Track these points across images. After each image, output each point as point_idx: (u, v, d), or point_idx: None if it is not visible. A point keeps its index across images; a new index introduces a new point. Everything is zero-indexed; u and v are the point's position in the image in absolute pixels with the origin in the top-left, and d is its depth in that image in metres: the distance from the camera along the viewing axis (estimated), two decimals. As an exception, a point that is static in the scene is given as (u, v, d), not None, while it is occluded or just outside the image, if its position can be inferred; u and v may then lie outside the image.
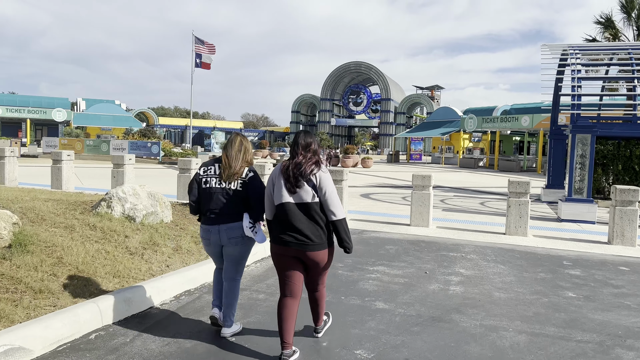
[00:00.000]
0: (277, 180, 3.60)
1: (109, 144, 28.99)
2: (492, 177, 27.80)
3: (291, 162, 3.60)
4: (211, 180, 3.90)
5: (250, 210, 3.89)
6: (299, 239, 3.50)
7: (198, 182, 3.96)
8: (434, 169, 33.81)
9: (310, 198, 3.51)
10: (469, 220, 10.94)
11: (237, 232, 3.84)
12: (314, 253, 3.55)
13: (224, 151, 3.95)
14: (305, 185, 3.51)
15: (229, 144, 3.97)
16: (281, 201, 3.53)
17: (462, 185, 20.99)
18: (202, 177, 3.95)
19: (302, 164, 3.55)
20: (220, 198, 3.85)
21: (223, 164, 3.89)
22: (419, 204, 9.68)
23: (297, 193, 3.52)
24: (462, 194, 17.58)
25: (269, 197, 3.66)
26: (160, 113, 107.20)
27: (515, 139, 43.87)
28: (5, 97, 52.19)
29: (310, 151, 3.62)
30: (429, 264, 6.68)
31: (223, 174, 3.87)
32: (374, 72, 72.82)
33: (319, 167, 3.59)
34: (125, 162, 11.73)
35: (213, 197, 3.86)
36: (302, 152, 3.60)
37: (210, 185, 3.89)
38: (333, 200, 3.54)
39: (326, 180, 3.56)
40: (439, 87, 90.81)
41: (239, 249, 3.92)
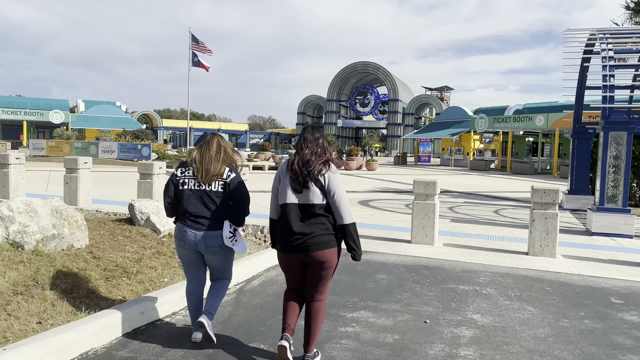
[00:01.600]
0: (283, 178, 3.38)
1: (97, 147, 27.50)
2: (505, 180, 25.91)
3: (297, 156, 3.35)
4: (189, 181, 3.64)
5: (231, 214, 3.65)
6: (302, 241, 3.28)
7: (175, 184, 3.68)
8: (442, 172, 31.96)
9: (317, 200, 3.28)
10: (482, 235, 9.15)
11: (215, 242, 3.59)
12: (319, 253, 3.30)
13: (198, 151, 3.67)
14: (313, 186, 3.28)
15: (205, 144, 3.70)
16: (285, 201, 3.31)
17: (473, 190, 19.16)
18: (180, 178, 3.68)
19: (310, 162, 3.30)
20: (198, 201, 3.59)
21: (196, 165, 3.62)
22: (422, 217, 7.91)
23: (302, 193, 3.29)
24: (474, 200, 15.76)
25: (275, 195, 3.46)
26: (166, 115, 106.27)
27: (528, 139, 41.86)
28: (2, 99, 51.04)
29: (319, 147, 3.38)
30: (430, 306, 4.91)
31: (199, 176, 3.59)
32: (381, 73, 71.01)
33: (328, 167, 3.33)
34: (80, 165, 10.08)
35: (191, 200, 3.61)
36: (310, 147, 3.36)
37: (189, 187, 3.63)
38: (342, 204, 3.32)
39: (335, 182, 3.32)
40: (449, 88, 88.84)
41: (218, 258, 3.69)
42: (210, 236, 3.57)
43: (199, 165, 3.62)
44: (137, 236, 5.87)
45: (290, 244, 3.30)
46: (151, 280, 4.77)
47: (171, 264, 5.30)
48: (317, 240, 3.28)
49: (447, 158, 41.86)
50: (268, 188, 16.33)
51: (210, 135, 3.83)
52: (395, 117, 69.92)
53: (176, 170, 3.77)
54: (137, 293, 4.43)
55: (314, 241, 3.27)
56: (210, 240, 3.58)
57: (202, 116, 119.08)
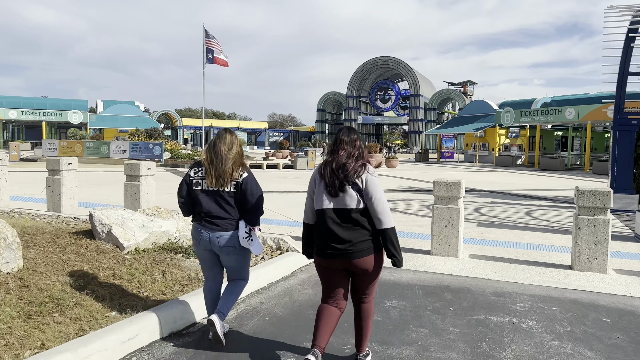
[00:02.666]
0: (319, 182, 3.24)
1: (109, 146, 26.81)
2: (534, 177, 24.38)
3: (332, 159, 3.22)
4: (203, 182, 3.55)
5: (245, 214, 3.57)
6: (343, 248, 3.12)
7: (188, 184, 3.61)
8: (466, 169, 30.49)
9: (354, 204, 3.14)
10: (514, 243, 7.91)
11: (231, 242, 3.51)
12: (361, 260, 3.16)
13: (208, 151, 3.55)
14: (350, 189, 3.13)
15: (217, 142, 3.54)
16: (321, 207, 3.18)
17: (500, 188, 17.78)
18: (193, 178, 3.61)
19: (346, 165, 3.17)
20: (212, 202, 3.52)
21: (206, 166, 3.51)
22: (444, 224, 6.71)
23: (339, 197, 3.14)
24: (501, 199, 14.43)
25: (311, 198, 3.32)
26: (187, 114, 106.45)
27: (557, 134, 39.98)
28: (22, 99, 51.08)
29: (355, 149, 3.25)
30: (454, 351, 3.71)
31: (210, 178, 3.48)
32: (402, 67, 69.38)
33: (365, 169, 3.19)
34: (63, 167, 9.13)
35: (205, 200, 3.52)
36: (346, 150, 3.22)
37: (202, 188, 3.55)
38: (382, 207, 3.16)
39: (374, 185, 3.17)
40: (472, 83, 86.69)
41: (234, 259, 3.61)
42: (225, 237, 3.51)
43: (208, 169, 3.52)
44: (94, 253, 4.82)
45: (330, 250, 3.17)
46: (92, 316, 3.70)
47: (128, 290, 4.24)
48: (358, 248, 3.14)
49: (471, 154, 40.25)
50: (274, 189, 15.23)
51: (223, 131, 3.66)
52: (416, 112, 68.24)
53: (190, 169, 3.68)
54: (66, 336, 3.37)
55: (354, 248, 3.14)
56: (224, 240, 3.51)
57: (222, 115, 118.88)
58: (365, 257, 3.16)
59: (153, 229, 5.26)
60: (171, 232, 5.53)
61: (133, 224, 5.13)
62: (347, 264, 3.19)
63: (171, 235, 5.54)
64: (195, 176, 3.62)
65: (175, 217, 5.83)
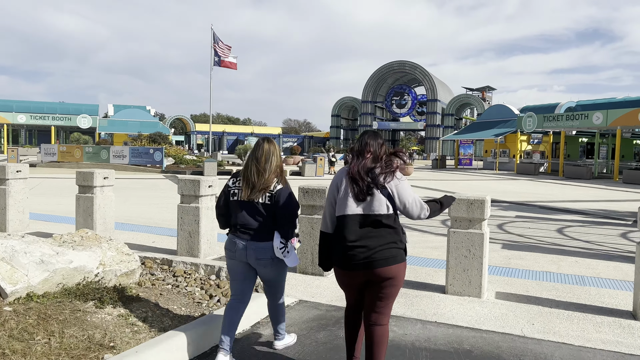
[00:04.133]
0: (343, 186, 3.04)
1: (108, 151, 25.61)
2: (559, 186, 22.55)
3: (357, 162, 3.04)
4: (239, 192, 3.47)
5: (278, 226, 3.44)
6: (367, 256, 2.90)
7: (226, 194, 3.53)
8: (486, 177, 28.71)
9: (383, 209, 2.94)
10: (551, 274, 6.30)
11: (267, 254, 3.41)
12: (385, 269, 2.92)
13: (246, 162, 3.50)
14: (378, 194, 2.95)
15: (255, 152, 3.47)
16: (344, 212, 2.96)
17: (524, 199, 16.08)
18: (231, 188, 3.52)
19: (374, 170, 2.98)
20: (248, 213, 3.43)
21: (244, 176, 3.46)
22: (463, 254, 5.14)
23: (367, 202, 2.95)
24: (527, 212, 12.77)
25: (331, 205, 3.09)
26: (202, 120, 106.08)
27: (581, 140, 37.95)
28: (32, 104, 50.65)
29: (384, 152, 3.08)
30: None
31: (245, 188, 3.42)
32: (419, 72, 67.68)
33: (394, 174, 3.01)
34: (9, 175, 7.73)
35: (241, 211, 3.45)
36: (373, 153, 3.05)
37: (239, 198, 3.46)
38: (417, 209, 3.06)
39: (405, 190, 3.02)
40: (490, 88, 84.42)
41: (270, 271, 3.50)
42: (260, 248, 3.40)
43: (244, 180, 3.45)
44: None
45: (351, 260, 2.92)
46: None
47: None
48: (384, 255, 2.91)
49: (491, 161, 38.36)
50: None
51: (261, 141, 3.53)
52: (433, 118, 66.41)
53: (229, 179, 3.59)
54: None
55: (379, 255, 2.91)
56: (260, 252, 3.40)
57: (237, 120, 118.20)
58: (390, 266, 2.93)
59: (58, 265, 3.80)
60: (89, 268, 4.06)
61: (27, 259, 3.67)
62: (370, 275, 2.95)
63: (90, 272, 4.07)
64: (233, 186, 3.53)
65: (102, 246, 4.37)
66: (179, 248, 6.49)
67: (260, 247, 3.40)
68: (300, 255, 5.89)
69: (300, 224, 5.87)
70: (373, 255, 2.91)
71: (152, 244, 7.37)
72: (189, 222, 6.40)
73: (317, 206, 5.79)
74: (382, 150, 3.12)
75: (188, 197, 6.42)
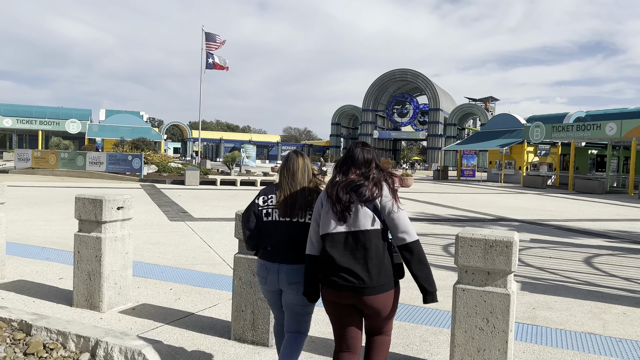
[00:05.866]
0: (326, 203, 2.81)
1: (85, 158, 23.79)
2: (572, 202, 20.66)
3: (341, 179, 2.82)
4: (273, 212, 3.15)
5: None
6: (352, 281, 2.67)
7: (257, 215, 3.19)
8: (491, 190, 26.84)
9: (369, 223, 2.72)
10: (597, 338, 4.45)
11: (299, 277, 3.03)
12: (372, 298, 2.69)
13: (283, 179, 3.17)
14: (363, 208, 2.72)
15: (289, 167, 3.17)
16: (327, 231, 2.75)
17: (537, 217, 14.21)
18: (262, 208, 3.19)
19: (362, 186, 2.74)
20: (286, 233, 3.09)
21: (279, 194, 3.13)
22: (478, 327, 3.29)
23: (350, 218, 2.72)
24: (543, 235, 10.90)
25: (316, 223, 2.85)
26: (201, 127, 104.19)
27: (591, 152, 36.08)
28: (20, 107, 49.02)
29: (371, 169, 2.82)
30: None
31: (284, 207, 3.09)
32: (421, 80, 66.03)
33: (381, 189, 2.76)
34: None
35: (276, 232, 3.10)
36: (358, 171, 2.82)
37: (274, 219, 3.13)
38: (403, 220, 2.74)
39: (390, 201, 2.76)
40: (493, 99, 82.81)
41: (301, 298, 3.06)
42: (294, 270, 3.05)
43: (282, 197, 3.11)
44: None
45: (338, 280, 2.69)
46: None
47: None
48: (372, 283, 2.68)
49: (496, 173, 36.45)
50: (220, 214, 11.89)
51: (292, 154, 3.24)
52: (435, 127, 64.65)
53: (257, 198, 3.24)
54: None
55: (366, 283, 2.67)
56: (294, 275, 3.06)
57: (236, 128, 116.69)
58: (380, 294, 2.70)
59: None
60: None
61: None
62: (357, 301, 2.71)
63: None
64: (265, 205, 3.18)
65: None
66: (75, 294, 4.65)
67: (294, 269, 3.07)
68: (237, 313, 4.04)
69: (238, 266, 4.03)
70: (360, 283, 2.67)
71: (56, 282, 5.52)
72: (88, 259, 4.56)
73: (260, 242, 3.97)
74: (372, 165, 2.85)
75: (88, 224, 4.59)
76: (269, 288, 3.18)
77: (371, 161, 2.86)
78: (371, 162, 2.86)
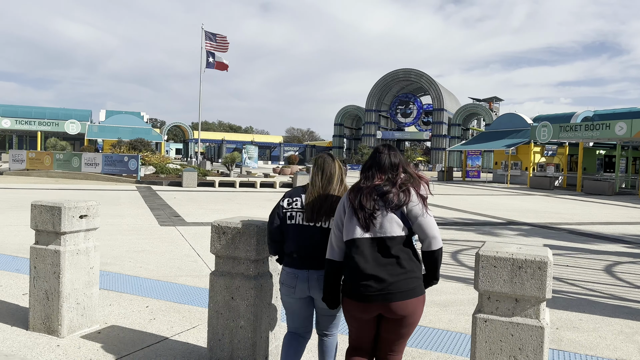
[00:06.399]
0: (349, 208, 2.69)
1: (80, 159, 23.21)
2: (581, 204, 19.98)
3: (365, 185, 2.68)
4: (298, 215, 3.04)
5: None
6: (379, 287, 2.54)
7: (281, 218, 3.08)
8: (498, 191, 26.17)
9: (397, 230, 2.59)
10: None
11: None
12: (402, 303, 2.56)
13: (313, 181, 3.05)
14: (389, 214, 2.60)
15: (323, 170, 3.04)
16: (352, 237, 2.61)
17: (548, 221, 13.56)
18: (287, 211, 3.07)
19: (388, 193, 2.62)
20: (311, 239, 2.98)
21: (307, 197, 3.01)
22: (501, 362, 2.66)
23: (376, 223, 2.59)
24: (556, 240, 10.27)
25: (337, 228, 2.72)
26: (204, 127, 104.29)
27: (599, 152, 35.36)
28: (19, 108, 48.59)
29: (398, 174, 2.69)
30: None
31: (309, 211, 2.98)
32: (425, 80, 65.35)
33: (408, 194, 2.63)
34: None
35: (302, 236, 3.00)
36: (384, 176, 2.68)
37: (298, 223, 3.02)
38: (432, 226, 2.62)
39: (418, 206, 2.63)
40: (498, 99, 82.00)
41: None
42: None
43: (310, 201, 2.99)
44: None
45: (364, 291, 2.55)
46: None
47: None
48: (402, 287, 2.56)
49: (501, 174, 35.74)
50: (208, 218, 11.23)
51: (322, 157, 3.10)
52: (439, 128, 63.95)
53: (282, 200, 3.13)
54: None
55: (396, 288, 2.55)
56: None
57: (239, 128, 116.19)
58: (408, 299, 2.57)
59: None
60: None
61: None
62: (384, 309, 2.58)
63: None
64: (290, 208, 3.07)
65: None
66: (31, 316, 4.04)
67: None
68: (213, 343, 3.42)
69: (215, 287, 3.41)
70: (389, 288, 2.55)
71: (19, 299, 4.92)
72: (45, 276, 3.95)
73: (240, 259, 3.34)
74: (400, 169, 2.72)
75: (45, 235, 3.98)
76: (298, 296, 3.04)
77: (398, 165, 2.74)
78: (398, 166, 2.74)
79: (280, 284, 3.12)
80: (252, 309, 3.28)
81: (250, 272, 3.33)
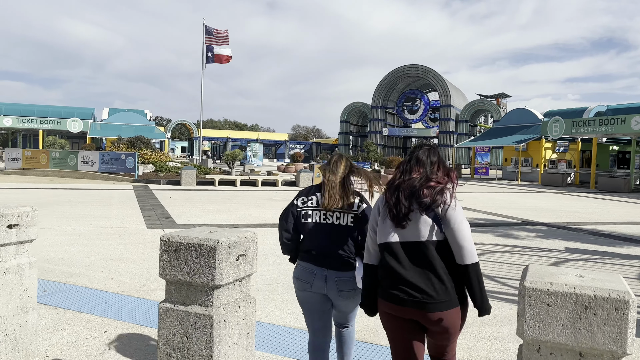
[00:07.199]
0: (383, 209, 2.59)
1: (77, 157, 22.49)
2: (598, 202, 19.03)
3: (402, 180, 2.57)
4: (313, 214, 3.03)
5: (360, 250, 2.98)
6: (416, 295, 2.43)
7: (295, 216, 3.06)
8: (509, 189, 25.23)
9: (428, 234, 2.46)
10: None
11: (350, 285, 2.96)
12: (439, 314, 2.43)
13: (325, 177, 3.06)
14: (423, 216, 2.46)
15: (332, 168, 3.06)
16: (385, 240, 2.53)
17: (565, 220, 12.68)
18: (301, 209, 3.06)
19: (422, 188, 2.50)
20: (327, 237, 2.97)
21: (326, 193, 2.98)
22: None
23: (408, 226, 2.47)
24: (577, 242, 9.41)
25: (372, 230, 2.62)
26: (209, 125, 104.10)
27: (612, 148, 34.30)
28: (21, 106, 47.99)
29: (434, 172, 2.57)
30: None
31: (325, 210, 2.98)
32: (432, 76, 64.25)
33: (444, 195, 2.48)
34: None
35: (318, 235, 2.99)
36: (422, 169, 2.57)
37: (314, 221, 3.02)
38: (465, 235, 2.44)
39: (454, 210, 2.47)
40: (505, 95, 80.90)
41: (349, 304, 3.04)
42: (344, 278, 2.95)
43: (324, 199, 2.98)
44: None
45: (399, 293, 2.46)
46: None
47: None
48: (436, 298, 2.42)
49: (511, 170, 34.75)
50: (204, 220, 10.39)
51: (337, 156, 3.13)
52: (447, 124, 62.86)
53: (296, 199, 3.10)
54: None
55: (430, 298, 2.42)
56: (343, 283, 2.96)
57: (244, 126, 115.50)
58: (446, 310, 2.43)
59: None
60: None
61: None
62: (420, 316, 2.45)
63: None
64: (304, 206, 3.05)
65: None
66: (-52, 350, 3.24)
67: (344, 277, 2.95)
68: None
69: (165, 323, 2.60)
70: (424, 298, 2.42)
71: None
72: (-37, 301, 3.15)
73: (197, 285, 2.52)
74: (437, 166, 2.62)
75: (-37, 249, 3.18)
76: (314, 292, 2.99)
77: (436, 163, 2.64)
78: (436, 164, 2.64)
79: (295, 279, 3.05)
80: (211, 352, 2.47)
81: (211, 302, 2.51)
